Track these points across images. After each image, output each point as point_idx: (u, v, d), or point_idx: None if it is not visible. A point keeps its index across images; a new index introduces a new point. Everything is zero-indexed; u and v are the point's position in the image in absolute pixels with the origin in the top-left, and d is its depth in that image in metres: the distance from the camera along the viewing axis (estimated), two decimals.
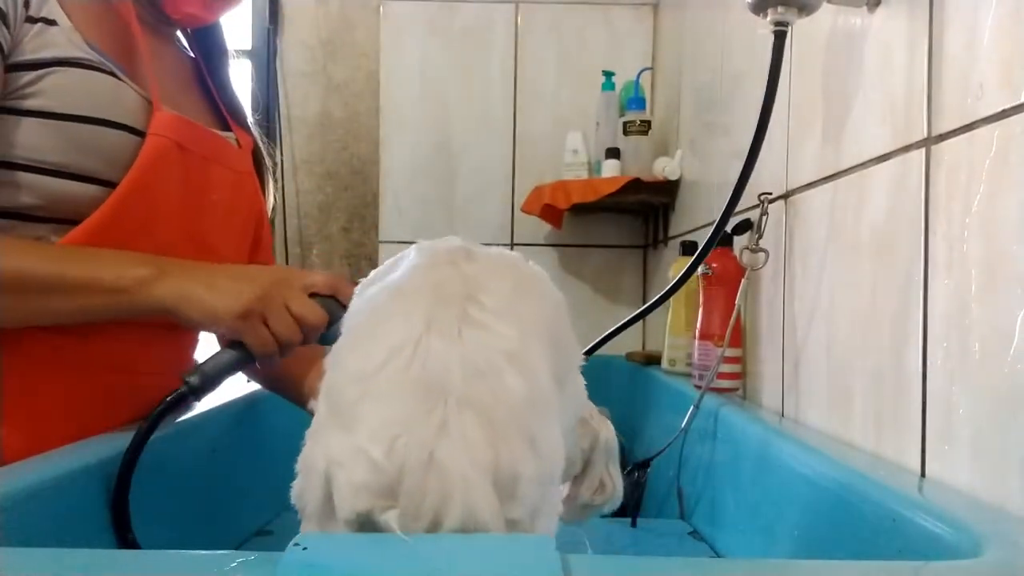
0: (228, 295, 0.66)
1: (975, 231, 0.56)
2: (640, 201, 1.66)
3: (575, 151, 1.76)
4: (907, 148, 0.65)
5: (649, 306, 0.96)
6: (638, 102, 1.69)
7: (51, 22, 0.71)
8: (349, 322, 0.51)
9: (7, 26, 0.68)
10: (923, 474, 0.61)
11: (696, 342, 1.07)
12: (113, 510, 0.60)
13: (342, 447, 0.42)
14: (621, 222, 1.90)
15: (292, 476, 0.47)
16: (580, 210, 1.74)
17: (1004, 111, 0.53)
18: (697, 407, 0.94)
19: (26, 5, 0.70)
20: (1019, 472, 0.50)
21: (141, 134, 0.74)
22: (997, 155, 0.53)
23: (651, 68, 1.87)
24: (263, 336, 0.67)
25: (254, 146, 0.94)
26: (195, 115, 0.83)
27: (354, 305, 0.54)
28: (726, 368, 1.02)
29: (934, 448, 0.60)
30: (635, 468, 0.99)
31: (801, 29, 0.86)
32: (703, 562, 0.48)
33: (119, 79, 0.74)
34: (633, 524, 0.97)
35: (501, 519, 0.40)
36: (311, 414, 0.65)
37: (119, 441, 0.66)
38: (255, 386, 0.98)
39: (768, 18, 0.74)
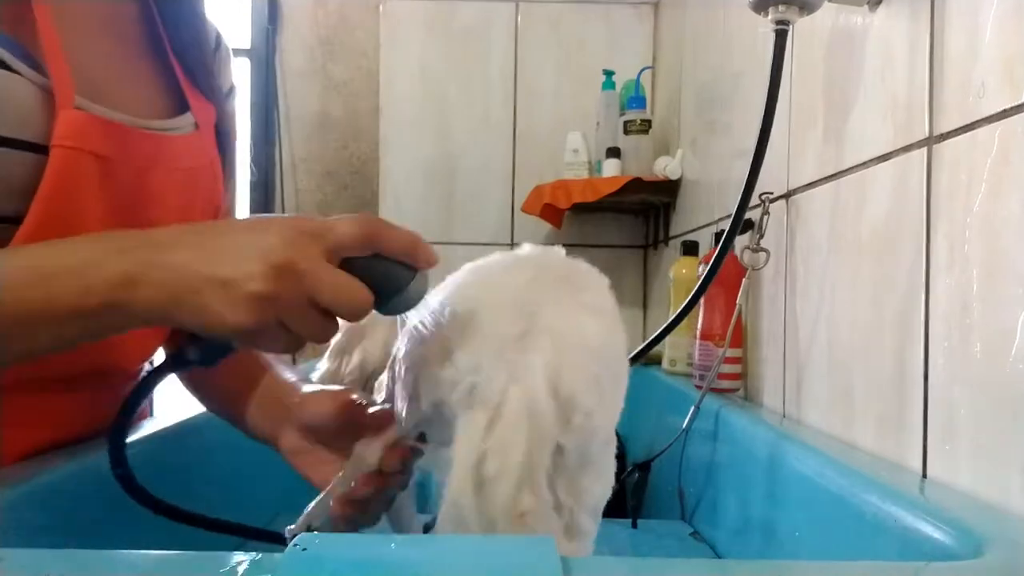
0: (219, 305, 0.44)
1: (977, 231, 0.55)
2: (641, 201, 1.66)
3: (575, 150, 1.76)
4: (908, 147, 0.65)
5: (683, 309, 0.93)
6: (638, 101, 1.69)
7: None
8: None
9: None
10: (924, 475, 0.61)
11: (697, 342, 1.07)
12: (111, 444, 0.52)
13: None
14: (621, 222, 1.90)
15: (292, 476, 0.47)
16: (580, 210, 1.74)
17: (1005, 110, 0.53)
18: (698, 407, 0.94)
19: None
20: (1020, 473, 0.50)
21: (39, 148, 0.54)
22: (999, 154, 0.53)
23: (652, 67, 1.87)
24: (283, 342, 0.47)
25: (217, 117, 0.73)
26: (133, 95, 0.65)
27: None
28: (727, 368, 1.02)
29: (935, 449, 0.60)
30: (636, 469, 0.99)
31: (802, 28, 0.86)
32: (704, 563, 0.48)
33: (8, 69, 0.53)
34: (634, 525, 0.97)
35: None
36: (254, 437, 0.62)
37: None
38: None
39: (769, 17, 0.73)
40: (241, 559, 0.36)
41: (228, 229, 0.47)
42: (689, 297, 0.90)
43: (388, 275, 0.46)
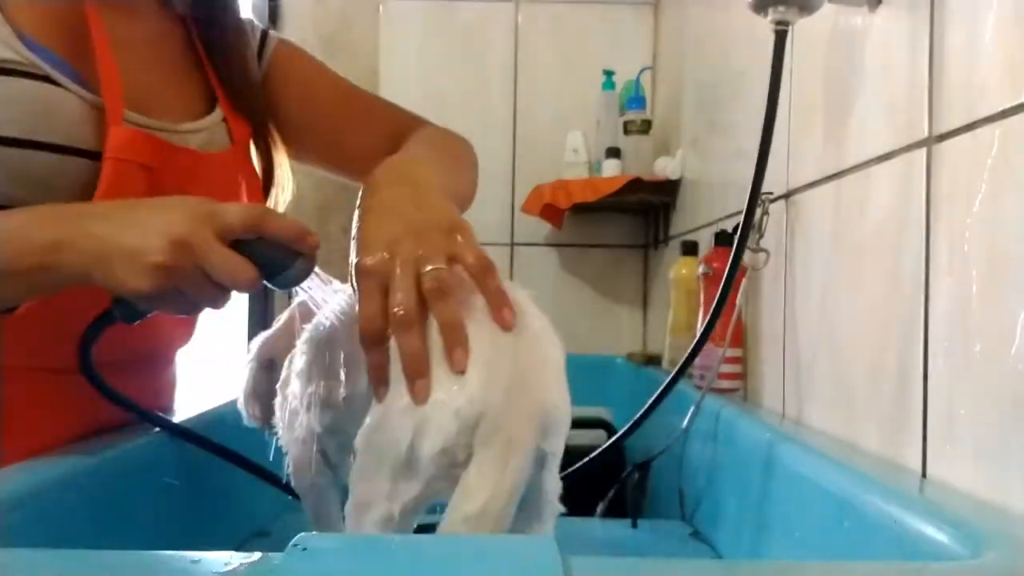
0: (124, 272, 0.52)
1: (977, 231, 0.55)
2: (641, 201, 1.66)
3: (575, 150, 1.76)
4: (909, 148, 0.65)
5: (711, 319, 0.89)
6: (639, 101, 1.69)
7: None
8: None
9: None
10: (924, 475, 0.61)
11: None
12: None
13: None
14: (622, 222, 1.90)
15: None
16: (580, 210, 1.74)
17: (1005, 110, 0.53)
18: (698, 408, 0.94)
19: None
20: (1021, 473, 0.50)
21: (92, 155, 0.61)
22: (999, 154, 0.53)
23: (652, 67, 1.87)
24: (181, 305, 0.55)
25: (253, 135, 0.79)
26: (170, 106, 0.71)
27: None
28: (727, 368, 1.02)
29: (935, 448, 0.60)
30: (635, 469, 0.99)
31: (802, 28, 0.86)
32: (704, 563, 0.48)
33: (58, 85, 0.61)
34: (634, 525, 0.97)
35: None
36: None
37: (116, 443, 0.66)
38: None
39: (769, 17, 0.73)
40: (241, 559, 0.36)
41: (144, 206, 0.55)
42: (714, 304, 0.85)
43: (271, 256, 0.53)
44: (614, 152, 1.65)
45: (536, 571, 0.35)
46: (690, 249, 1.28)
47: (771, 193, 0.94)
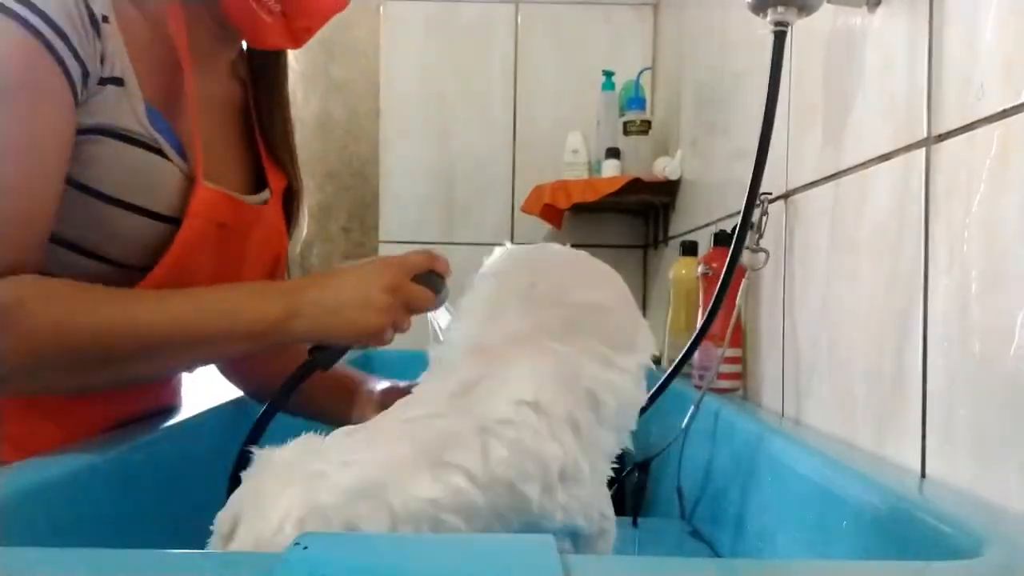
0: (362, 318, 0.67)
1: (975, 231, 0.56)
2: (640, 201, 1.66)
3: (575, 151, 1.76)
4: (908, 148, 0.65)
5: (707, 319, 0.89)
6: (638, 102, 1.69)
7: (120, 83, 0.65)
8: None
9: (86, 86, 0.63)
10: (923, 474, 0.61)
11: None
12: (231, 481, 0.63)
13: None
14: (621, 222, 1.90)
15: None
16: (580, 210, 1.75)
17: (1004, 111, 0.53)
18: (698, 407, 0.94)
19: (101, 61, 0.64)
20: (1020, 472, 0.50)
21: (173, 221, 0.70)
22: (997, 155, 0.53)
23: (651, 68, 1.87)
24: (391, 338, 0.70)
25: (287, 185, 0.88)
26: (234, 168, 0.80)
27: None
28: (726, 368, 1.02)
29: (934, 448, 0.60)
30: (635, 468, 0.99)
31: (801, 29, 0.86)
32: (704, 562, 0.48)
33: (167, 159, 0.69)
34: (634, 524, 0.97)
35: None
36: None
37: (121, 441, 0.66)
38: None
39: (768, 18, 0.73)
40: (241, 559, 0.36)
41: (344, 274, 0.69)
42: (711, 304, 0.86)
43: (435, 284, 0.72)
44: (614, 152, 1.65)
45: (536, 571, 0.35)
46: (690, 249, 1.28)
47: (770, 193, 0.94)
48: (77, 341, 0.59)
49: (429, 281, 0.72)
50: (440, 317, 0.76)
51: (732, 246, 0.81)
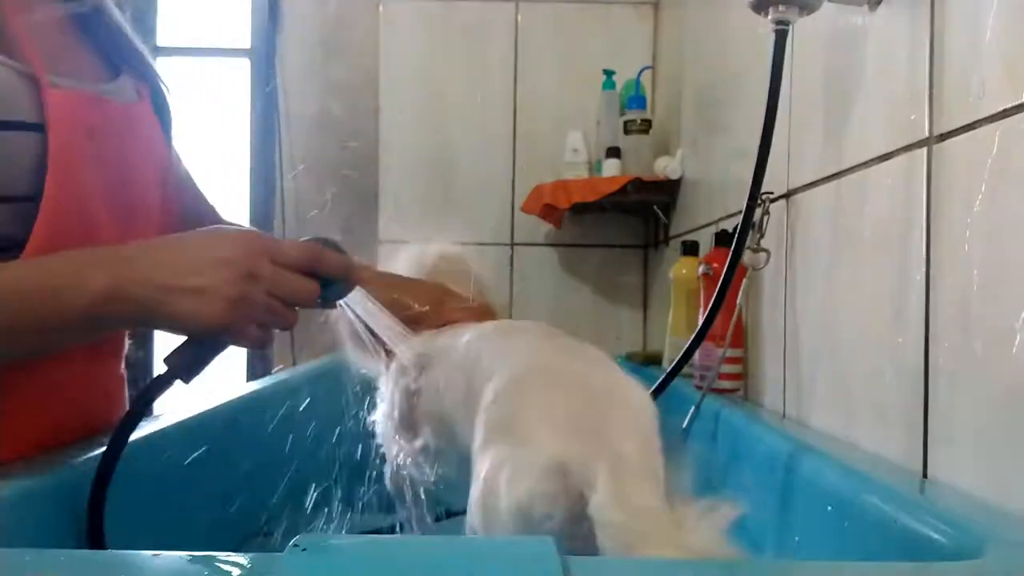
0: (196, 306, 0.54)
1: (977, 230, 0.55)
2: (641, 200, 1.66)
3: (575, 150, 1.76)
4: (909, 147, 0.65)
5: (706, 319, 0.89)
6: (639, 101, 1.68)
7: None
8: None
9: None
10: (925, 475, 0.61)
11: None
12: (90, 507, 0.56)
13: None
14: (622, 222, 1.90)
15: (292, 476, 0.47)
16: (580, 210, 1.74)
17: (1006, 110, 0.53)
18: (698, 408, 0.94)
19: None
20: (1021, 473, 0.50)
21: (33, 127, 0.57)
22: (999, 154, 0.53)
23: (652, 67, 1.87)
24: (253, 335, 0.57)
25: (152, 91, 0.76)
26: (83, 72, 0.67)
27: None
28: (727, 368, 1.02)
29: (936, 449, 0.60)
30: None
31: (802, 28, 0.86)
32: (704, 563, 0.48)
33: None
34: None
35: None
36: None
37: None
38: (254, 386, 0.98)
39: (769, 17, 0.73)
40: (241, 559, 0.36)
41: (189, 245, 0.57)
42: (712, 304, 0.86)
43: (323, 278, 0.59)
44: (614, 152, 1.65)
45: (536, 571, 0.35)
46: (690, 249, 1.28)
47: (771, 193, 0.94)
48: None
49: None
50: (358, 307, 0.64)
51: (733, 246, 0.81)
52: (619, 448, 0.50)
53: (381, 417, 0.78)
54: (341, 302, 0.63)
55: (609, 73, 1.74)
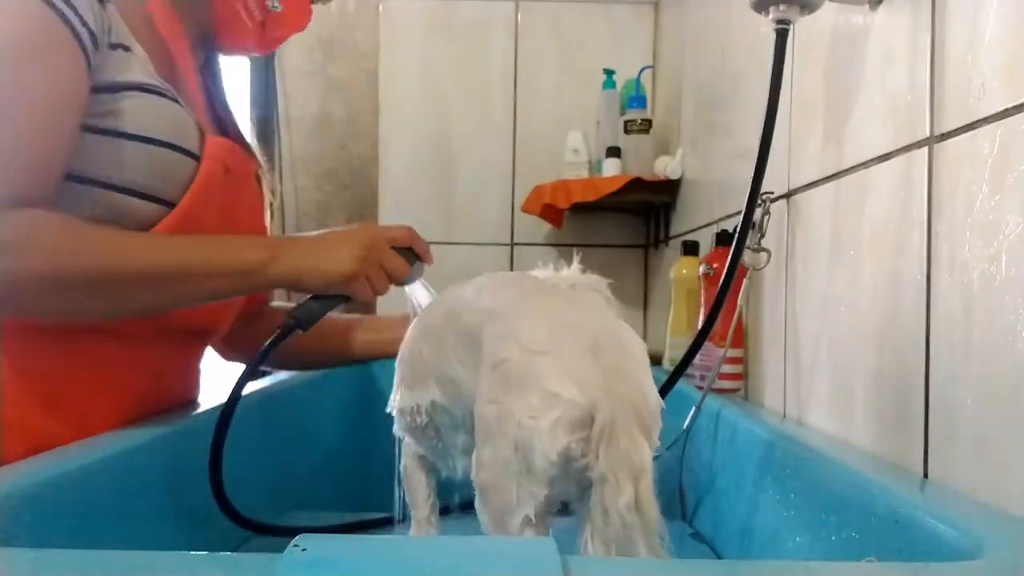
0: (335, 263, 0.78)
1: (978, 231, 0.55)
2: (641, 200, 1.66)
3: (575, 150, 1.76)
4: (909, 147, 0.65)
5: (708, 320, 0.89)
6: (639, 100, 1.68)
7: (127, 48, 0.77)
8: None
9: (96, 50, 0.73)
10: (925, 475, 0.61)
11: None
12: (212, 453, 0.72)
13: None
14: (622, 221, 1.90)
15: (291, 477, 0.47)
16: (580, 209, 1.74)
17: (1007, 110, 0.53)
18: (699, 408, 0.94)
19: (108, 32, 0.75)
20: (1021, 473, 0.50)
21: (197, 157, 0.80)
22: (1000, 154, 0.53)
23: (652, 66, 1.87)
24: (365, 290, 0.81)
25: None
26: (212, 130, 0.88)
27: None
28: (728, 369, 1.02)
29: (937, 449, 0.60)
30: None
31: (803, 27, 0.86)
32: (704, 563, 0.48)
33: (181, 106, 0.80)
34: None
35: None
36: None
37: (124, 439, 0.66)
38: (254, 386, 0.98)
39: (770, 16, 0.73)
40: (241, 559, 0.36)
41: (325, 233, 0.84)
42: (712, 304, 0.85)
43: (411, 259, 0.84)
44: (614, 152, 1.65)
45: (536, 571, 0.35)
46: (691, 249, 1.28)
47: (772, 193, 0.94)
48: (83, 262, 0.69)
49: (407, 256, 0.83)
50: (419, 294, 0.86)
51: (733, 246, 0.81)
52: (632, 400, 0.54)
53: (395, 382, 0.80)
54: (420, 283, 0.85)
55: (609, 73, 1.74)
